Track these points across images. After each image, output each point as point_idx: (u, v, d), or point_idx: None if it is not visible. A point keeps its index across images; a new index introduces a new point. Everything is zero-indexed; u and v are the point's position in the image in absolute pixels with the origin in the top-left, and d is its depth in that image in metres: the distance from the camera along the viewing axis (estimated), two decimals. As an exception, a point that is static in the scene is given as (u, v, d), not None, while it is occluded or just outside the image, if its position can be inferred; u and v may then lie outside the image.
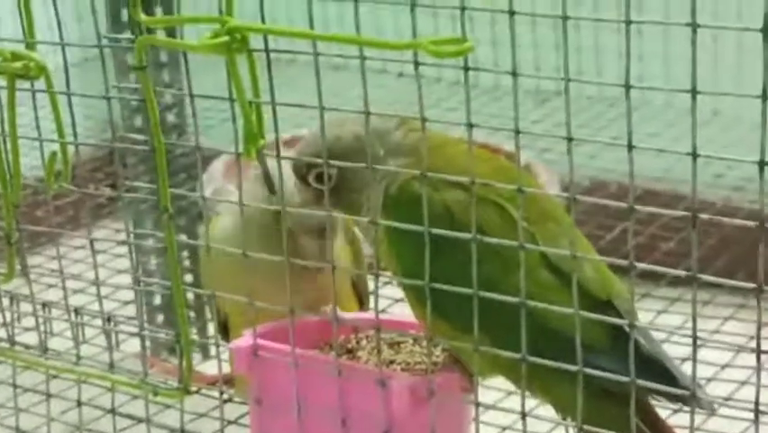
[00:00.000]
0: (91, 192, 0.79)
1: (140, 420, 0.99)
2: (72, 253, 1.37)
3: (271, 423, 0.83)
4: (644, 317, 0.78)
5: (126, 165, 1.48)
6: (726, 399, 0.99)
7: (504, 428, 0.97)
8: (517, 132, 0.66)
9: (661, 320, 1.29)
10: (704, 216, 0.63)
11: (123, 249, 1.30)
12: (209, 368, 1.34)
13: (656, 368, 0.74)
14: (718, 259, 1.37)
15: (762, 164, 0.59)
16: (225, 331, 1.00)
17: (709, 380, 1.10)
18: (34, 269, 0.89)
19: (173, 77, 1.65)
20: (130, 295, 1.13)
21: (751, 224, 0.61)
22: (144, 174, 1.62)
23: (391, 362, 0.85)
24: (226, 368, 0.87)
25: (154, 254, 1.62)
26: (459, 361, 0.80)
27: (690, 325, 0.63)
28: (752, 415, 0.63)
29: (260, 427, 0.83)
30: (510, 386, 0.80)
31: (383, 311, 0.96)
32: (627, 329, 0.72)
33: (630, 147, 0.63)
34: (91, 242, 0.84)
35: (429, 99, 1.70)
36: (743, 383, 1.08)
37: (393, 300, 1.17)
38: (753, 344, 0.62)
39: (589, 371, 0.66)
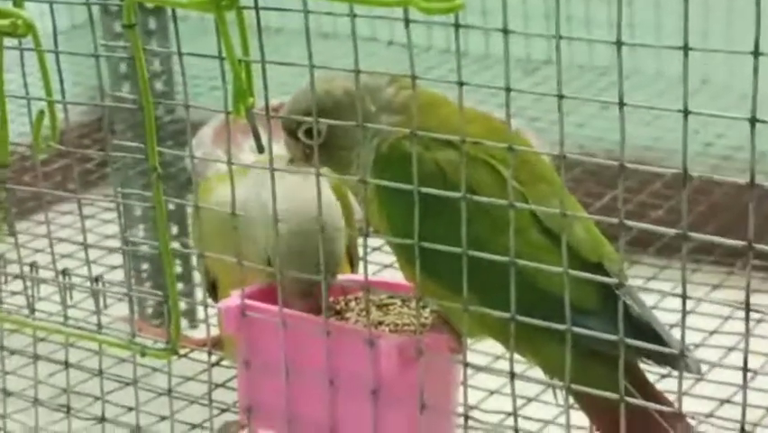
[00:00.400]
0: (80, 151, 0.78)
1: (127, 383, 0.99)
2: (60, 218, 1.36)
3: (260, 384, 0.82)
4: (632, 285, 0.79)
5: (115, 131, 1.48)
6: (715, 365, 0.99)
7: (492, 392, 0.97)
8: (508, 90, 0.66)
9: (650, 286, 1.29)
10: (695, 173, 0.63)
11: (112, 215, 1.31)
12: (197, 334, 1.34)
13: (646, 330, 0.74)
14: (707, 225, 1.37)
15: (753, 121, 0.59)
16: (214, 293, 1.00)
17: (698, 345, 1.10)
18: (21, 234, 0.88)
19: (161, 44, 1.65)
20: (118, 260, 1.13)
21: (742, 181, 0.61)
22: (132, 140, 1.62)
23: (380, 323, 0.85)
24: (214, 331, 0.87)
25: (142, 223, 1.63)
26: (447, 322, 0.80)
27: (679, 290, 0.63)
28: (740, 379, 0.63)
29: (249, 388, 0.83)
30: (499, 349, 0.80)
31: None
32: (617, 291, 0.73)
33: (621, 104, 0.63)
34: (79, 202, 0.84)
35: (419, 67, 1.69)
36: (731, 349, 1.08)
37: (382, 266, 1.17)
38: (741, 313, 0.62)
39: (577, 330, 0.66)
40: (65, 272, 0.86)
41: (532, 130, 1.57)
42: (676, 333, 0.71)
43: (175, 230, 1.65)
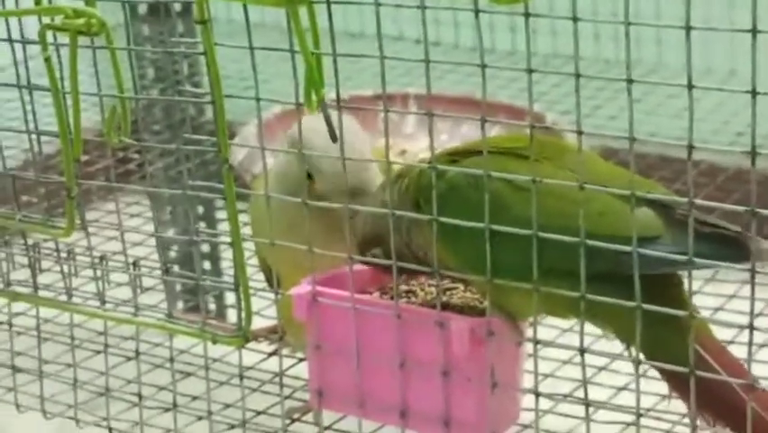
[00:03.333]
0: (153, 145, 0.81)
1: (188, 373, 1.02)
2: (126, 209, 1.38)
3: (330, 368, 0.85)
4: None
5: (158, 132, 1.51)
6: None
7: (564, 362, 0.99)
8: (530, 71, 0.69)
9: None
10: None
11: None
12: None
13: (717, 237, 0.74)
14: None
15: (754, 93, 0.62)
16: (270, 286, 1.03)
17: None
18: (90, 223, 0.91)
19: (188, 46, 1.68)
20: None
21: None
22: (169, 140, 1.65)
23: (445, 306, 0.87)
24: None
25: (168, 205, 1.67)
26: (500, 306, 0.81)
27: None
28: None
29: (320, 372, 0.85)
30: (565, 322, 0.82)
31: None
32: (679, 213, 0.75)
33: (630, 81, 0.66)
34: (149, 194, 0.87)
35: (446, 65, 1.71)
36: None
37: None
38: None
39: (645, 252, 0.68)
40: (135, 264, 0.88)
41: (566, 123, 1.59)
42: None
43: (203, 225, 1.70)
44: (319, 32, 0.78)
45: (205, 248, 1.76)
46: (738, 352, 0.76)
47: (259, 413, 0.97)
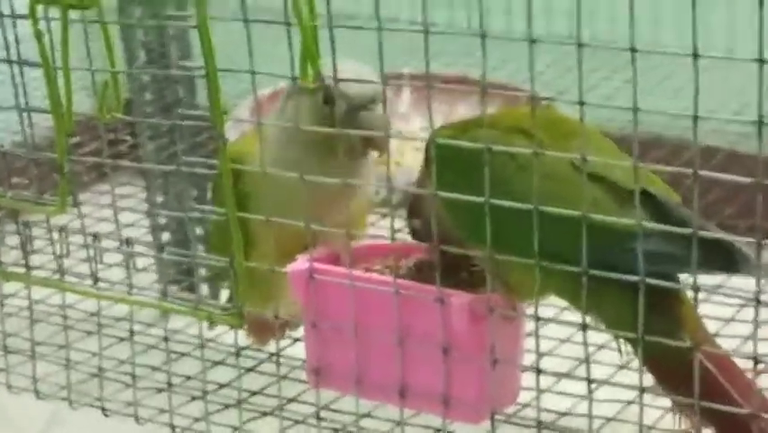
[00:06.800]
0: (148, 120, 0.79)
1: (182, 353, 1.00)
2: (117, 189, 1.36)
3: (328, 347, 0.83)
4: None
5: (149, 114, 1.49)
6: None
7: (563, 341, 0.98)
8: (531, 41, 0.68)
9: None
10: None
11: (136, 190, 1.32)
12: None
13: (711, 244, 0.72)
14: (731, 204, 1.38)
15: (761, 62, 0.61)
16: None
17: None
18: (83, 203, 0.89)
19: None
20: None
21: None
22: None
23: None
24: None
25: (161, 189, 1.65)
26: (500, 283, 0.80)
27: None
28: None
29: (317, 351, 0.84)
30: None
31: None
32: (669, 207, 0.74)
33: (633, 50, 0.65)
34: (144, 173, 0.85)
35: (440, 45, 1.70)
36: None
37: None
38: None
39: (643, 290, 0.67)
40: (128, 241, 0.86)
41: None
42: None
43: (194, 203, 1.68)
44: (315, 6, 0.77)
45: (199, 231, 1.74)
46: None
47: (254, 393, 0.95)
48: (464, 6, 1.94)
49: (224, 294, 1.30)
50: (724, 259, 0.72)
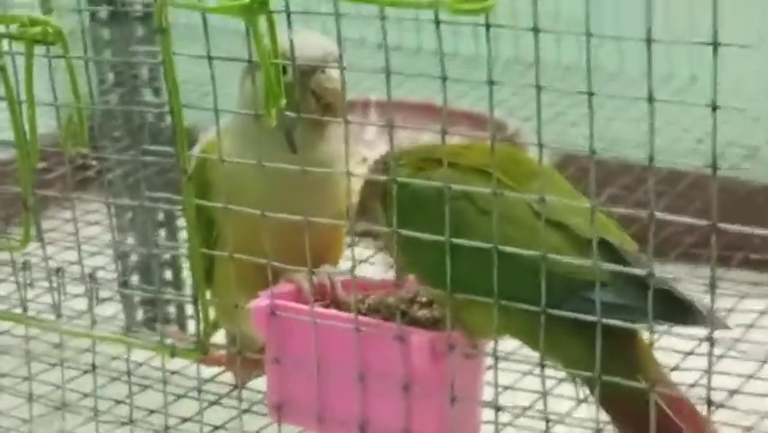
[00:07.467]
0: (112, 156, 0.80)
1: (146, 386, 1.00)
2: (84, 216, 1.35)
3: (289, 382, 0.84)
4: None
5: (115, 138, 1.49)
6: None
7: (525, 373, 0.98)
8: (491, 83, 0.69)
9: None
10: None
11: (99, 218, 1.31)
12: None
13: (666, 296, 0.73)
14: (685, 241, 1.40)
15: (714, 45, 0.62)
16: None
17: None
18: (47, 232, 0.89)
19: (150, 52, 1.66)
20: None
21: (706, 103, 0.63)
22: (128, 147, 1.63)
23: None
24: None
25: (130, 211, 1.65)
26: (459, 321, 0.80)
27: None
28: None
29: (279, 386, 0.84)
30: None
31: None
32: (627, 261, 0.74)
33: (588, 34, 0.67)
34: (108, 206, 0.85)
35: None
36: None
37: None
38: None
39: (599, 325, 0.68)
40: (92, 276, 0.87)
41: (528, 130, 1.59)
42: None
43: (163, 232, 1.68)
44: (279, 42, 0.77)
45: (166, 256, 1.74)
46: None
47: (216, 428, 0.96)
48: (432, 30, 1.95)
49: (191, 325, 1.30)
50: (680, 312, 0.72)
